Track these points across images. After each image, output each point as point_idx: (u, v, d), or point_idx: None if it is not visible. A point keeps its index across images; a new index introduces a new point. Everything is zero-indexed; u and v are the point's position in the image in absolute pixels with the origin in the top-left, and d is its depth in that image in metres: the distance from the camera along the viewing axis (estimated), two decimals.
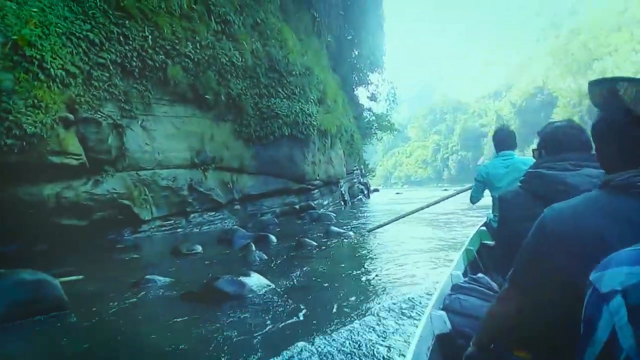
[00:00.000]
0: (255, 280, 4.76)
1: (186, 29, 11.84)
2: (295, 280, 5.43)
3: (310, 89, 15.75)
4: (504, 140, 4.06)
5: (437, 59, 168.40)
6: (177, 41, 11.40)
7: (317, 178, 16.05)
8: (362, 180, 29.54)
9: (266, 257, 6.83)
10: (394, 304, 4.36)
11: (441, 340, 2.07)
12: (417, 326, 2.18)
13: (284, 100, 14.41)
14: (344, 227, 10.64)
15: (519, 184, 2.21)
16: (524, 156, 4.06)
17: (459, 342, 1.99)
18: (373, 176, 45.54)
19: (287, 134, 14.07)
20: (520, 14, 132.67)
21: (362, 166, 29.36)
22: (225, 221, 12.18)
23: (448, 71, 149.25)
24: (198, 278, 5.27)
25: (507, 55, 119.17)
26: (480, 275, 2.66)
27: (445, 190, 47.57)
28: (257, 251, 7.01)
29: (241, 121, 13.43)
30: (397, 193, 43.39)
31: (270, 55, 14.32)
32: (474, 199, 4.53)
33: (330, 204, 18.13)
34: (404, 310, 4.15)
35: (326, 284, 5.28)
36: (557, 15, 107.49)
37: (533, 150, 2.52)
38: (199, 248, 7.67)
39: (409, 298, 4.51)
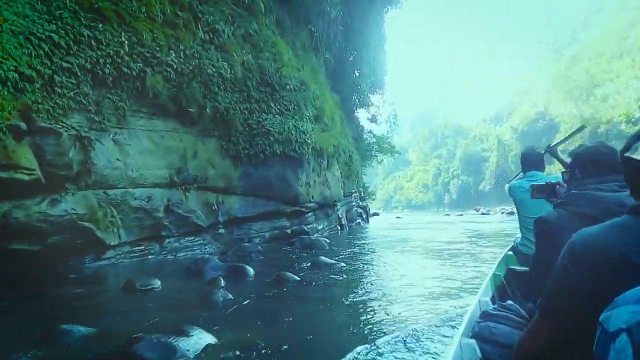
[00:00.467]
0: (195, 341, 3.50)
1: (169, 36, 10.78)
2: (258, 335, 4.04)
3: (306, 105, 14.67)
4: (532, 161, 4.06)
5: (439, 83, 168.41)
6: (158, 49, 10.32)
7: (312, 200, 14.87)
8: (361, 203, 28.32)
9: (232, 298, 5.53)
10: None
11: None
12: (446, 354, 2.15)
13: (277, 116, 13.31)
14: (337, 257, 9.40)
15: (562, 206, 2.14)
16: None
17: None
18: (373, 199, 44.39)
19: (278, 152, 12.92)
20: (521, 40, 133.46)
21: (361, 189, 28.17)
22: (206, 247, 10.94)
23: (450, 95, 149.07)
24: (131, 328, 4.02)
25: (509, 80, 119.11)
26: (509, 302, 2.58)
27: (447, 215, 46.39)
28: (223, 290, 5.75)
29: (229, 138, 12.30)
30: (398, 217, 42.01)
31: (263, 68, 13.26)
32: None
33: (326, 228, 16.91)
34: None
35: (299, 341, 4.03)
36: (558, 42, 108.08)
37: (562, 173, 2.55)
38: (157, 283, 6.40)
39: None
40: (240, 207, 12.69)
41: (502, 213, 43.97)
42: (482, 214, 46.98)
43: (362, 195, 29.57)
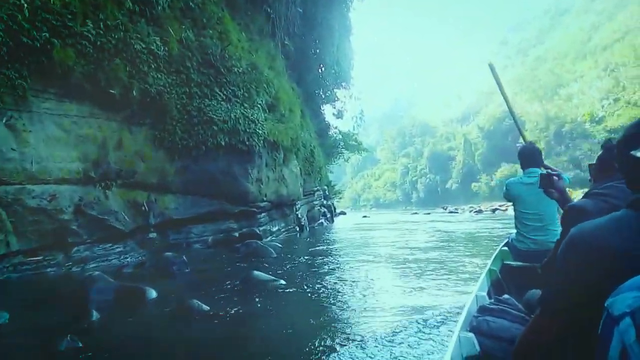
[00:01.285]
0: None
1: (86, 2, 8.79)
2: None
3: (258, 92, 12.86)
4: (529, 157, 4.04)
5: (406, 82, 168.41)
6: (70, 16, 8.31)
7: (265, 199, 13.06)
8: (325, 202, 26.65)
9: (81, 345, 3.62)
10: None
11: None
12: (445, 347, 2.30)
13: (222, 102, 11.47)
14: (280, 270, 7.70)
15: (599, 197, 2.12)
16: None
17: None
18: (340, 198, 42.94)
19: (223, 143, 11.08)
20: (486, 42, 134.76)
21: (325, 187, 26.51)
22: (127, 255, 8.97)
23: (417, 94, 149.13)
24: None
25: (475, 79, 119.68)
26: (506, 296, 2.59)
27: (415, 213, 45.09)
28: (70, 338, 3.67)
29: (163, 126, 10.42)
30: (364, 217, 40.07)
31: (205, 47, 11.40)
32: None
33: (282, 230, 15.13)
34: None
35: None
36: (523, 42, 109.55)
37: (590, 165, 2.54)
38: (5, 316, 4.49)
39: None
40: (177, 207, 10.81)
41: (470, 211, 42.94)
42: (450, 212, 45.83)
43: (327, 193, 27.93)
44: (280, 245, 11.44)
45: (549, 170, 3.17)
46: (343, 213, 43.45)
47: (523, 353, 1.48)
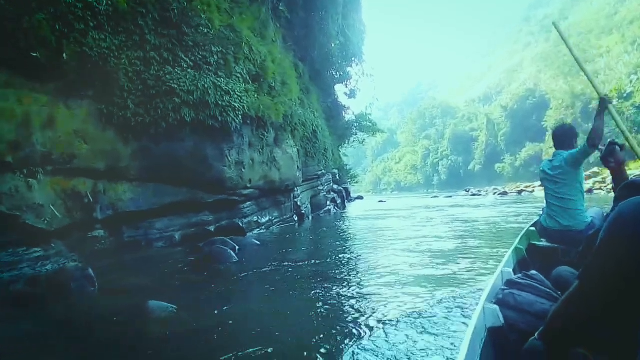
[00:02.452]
0: None
1: None
2: None
3: (237, 59, 10.69)
4: (561, 139, 4.10)
5: (426, 64, 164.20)
6: None
7: (249, 185, 10.95)
8: (336, 187, 24.49)
9: None
10: None
11: (493, 334, 2.05)
12: (469, 318, 2.40)
13: (189, 70, 9.34)
14: (221, 287, 5.66)
15: None
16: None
17: (512, 336, 2.03)
18: (356, 182, 40.70)
19: (189, 119, 8.97)
20: (509, 18, 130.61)
21: (335, 170, 24.30)
22: (48, 262, 6.89)
23: (438, 76, 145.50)
24: None
25: (497, 59, 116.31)
26: (533, 272, 2.53)
27: (435, 197, 42.54)
28: None
29: (111, 99, 8.34)
30: (380, 202, 37.45)
31: (164, 1, 9.25)
32: None
33: (276, 220, 13.01)
34: None
35: None
36: (546, 19, 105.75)
37: None
38: None
39: None
40: (134, 198, 8.75)
41: (494, 194, 40.23)
42: (473, 194, 43.18)
43: (338, 177, 25.72)
44: (258, 242, 9.33)
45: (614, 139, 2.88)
46: (360, 198, 41.25)
47: (556, 326, 1.48)
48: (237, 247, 8.48)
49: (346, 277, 6.17)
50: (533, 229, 4.53)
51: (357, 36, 26.88)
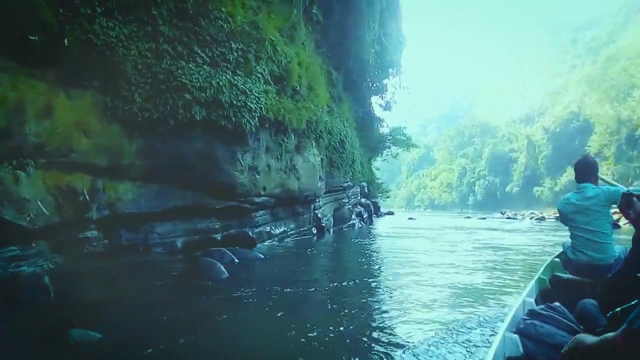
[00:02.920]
0: None
1: None
2: None
3: (259, 58, 10.04)
4: (582, 172, 3.98)
5: (466, 80, 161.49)
6: None
7: (263, 193, 10.22)
8: (364, 201, 23.59)
9: None
10: None
11: None
12: (488, 347, 2.22)
13: (204, 66, 8.71)
14: (174, 314, 4.81)
15: None
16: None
17: None
18: (387, 197, 39.65)
19: (199, 117, 8.31)
20: (555, 40, 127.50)
21: (364, 183, 23.39)
22: (24, 262, 6.12)
23: (478, 94, 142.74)
24: None
25: (541, 80, 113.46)
26: (557, 304, 2.49)
27: (468, 217, 41.02)
28: None
29: (117, 91, 7.75)
30: (410, 219, 36.06)
31: None
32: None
33: (292, 232, 12.24)
34: None
35: None
36: (594, 41, 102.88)
37: None
38: None
39: None
40: (135, 199, 8.12)
41: (531, 218, 38.40)
42: (508, 217, 41.41)
43: (369, 191, 24.80)
44: (262, 257, 8.60)
45: (632, 189, 2.43)
46: (390, 213, 40.14)
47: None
48: (237, 261, 7.72)
49: (342, 312, 5.10)
50: (557, 260, 4.45)
51: (394, 46, 26.05)
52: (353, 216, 19.44)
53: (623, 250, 3.77)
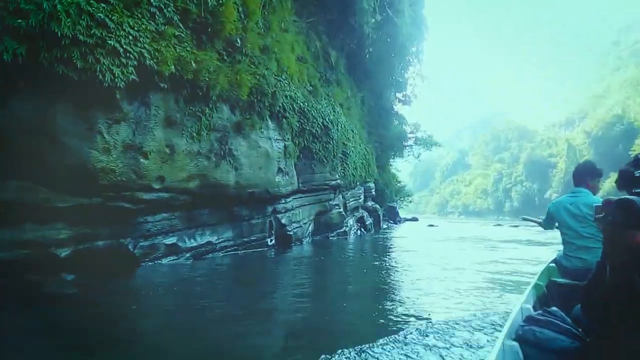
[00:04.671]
0: None
1: None
2: None
3: None
4: (575, 176, 3.99)
5: (504, 86, 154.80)
6: None
7: (157, 187, 6.62)
8: (370, 204, 19.76)
9: None
10: None
11: None
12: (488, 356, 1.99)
13: None
14: None
15: None
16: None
17: None
18: (409, 202, 35.51)
19: (20, 61, 4.87)
20: (596, 43, 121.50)
21: (371, 184, 19.50)
22: None
23: (515, 97, 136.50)
24: None
25: (582, 83, 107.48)
26: (554, 308, 2.41)
27: (499, 225, 36.30)
28: None
29: None
30: (430, 225, 30.20)
31: None
32: (544, 226, 4.38)
33: (226, 244, 8.50)
34: None
35: None
36: (638, 43, 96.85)
37: None
38: None
39: None
40: None
41: None
42: None
43: (384, 194, 20.79)
44: (68, 292, 5.02)
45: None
46: (414, 219, 35.90)
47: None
48: None
49: None
50: (553, 265, 4.20)
51: (409, 29, 22.05)
52: (350, 222, 15.59)
53: None
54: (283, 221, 10.29)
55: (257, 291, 6.10)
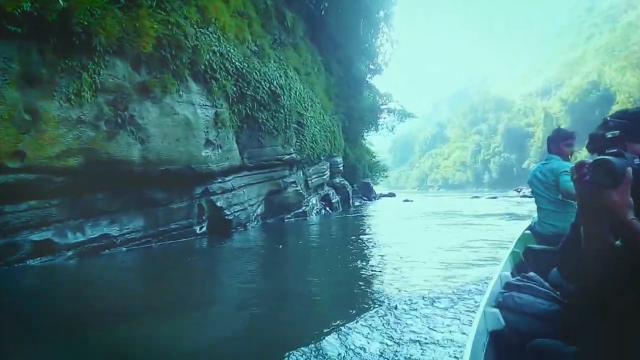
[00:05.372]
0: None
1: None
2: None
3: None
4: (547, 142, 3.94)
5: (479, 56, 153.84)
6: None
7: (13, 166, 4.97)
8: (338, 181, 18.21)
9: None
10: None
11: (495, 337, 1.98)
12: (471, 323, 2.10)
13: None
14: None
15: None
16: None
17: (513, 338, 1.95)
18: (384, 177, 34.06)
19: None
20: (569, 10, 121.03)
21: (337, 159, 17.83)
22: None
23: (491, 69, 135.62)
24: None
25: (557, 52, 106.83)
26: (532, 273, 2.37)
27: (476, 197, 35.11)
28: None
29: None
30: (406, 201, 28.75)
31: None
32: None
33: (134, 236, 6.84)
34: None
35: None
36: (612, 9, 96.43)
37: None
38: None
39: None
40: None
41: None
42: (524, 195, 35.23)
43: (341, 168, 19.07)
44: None
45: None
46: (391, 195, 34.54)
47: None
48: None
49: None
50: (528, 232, 4.23)
51: None
52: (312, 201, 13.98)
53: None
54: (219, 204, 8.58)
55: (149, 303, 4.46)
